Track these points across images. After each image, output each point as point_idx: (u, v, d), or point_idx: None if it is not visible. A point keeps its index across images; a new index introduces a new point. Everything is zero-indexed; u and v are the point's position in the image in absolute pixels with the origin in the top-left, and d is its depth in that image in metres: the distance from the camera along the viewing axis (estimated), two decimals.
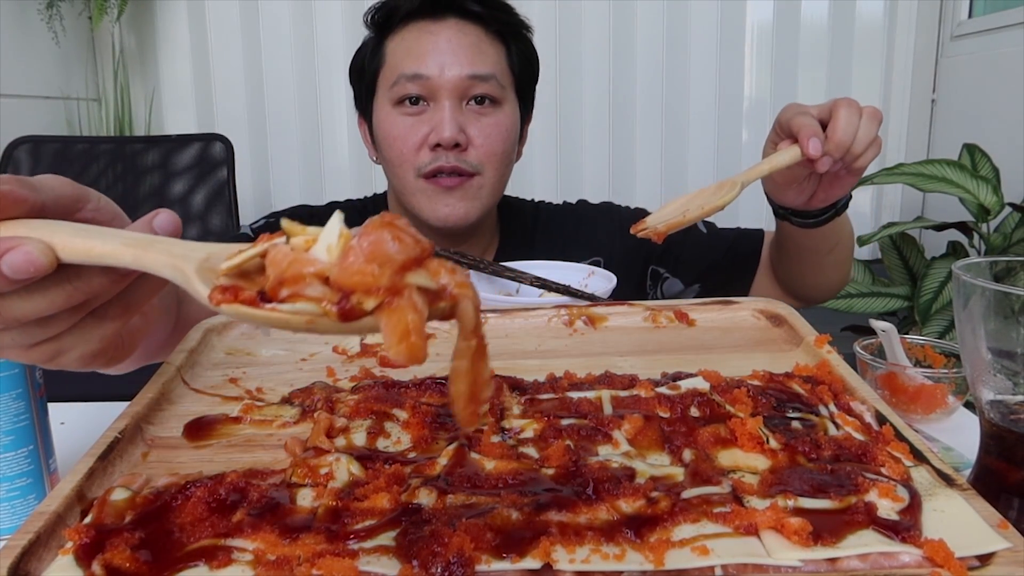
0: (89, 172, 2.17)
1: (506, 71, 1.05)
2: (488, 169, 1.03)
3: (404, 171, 1.03)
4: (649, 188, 2.64)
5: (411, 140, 1.01)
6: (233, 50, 2.57)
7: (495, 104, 1.03)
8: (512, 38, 1.07)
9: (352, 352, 0.71)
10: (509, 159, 1.07)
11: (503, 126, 1.03)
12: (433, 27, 1.02)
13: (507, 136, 1.04)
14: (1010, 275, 0.57)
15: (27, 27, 2.29)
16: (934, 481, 0.46)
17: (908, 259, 2.12)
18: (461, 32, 1.01)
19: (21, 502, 0.59)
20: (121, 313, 0.44)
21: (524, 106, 1.11)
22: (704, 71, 2.56)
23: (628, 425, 0.52)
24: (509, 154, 1.06)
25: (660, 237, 0.75)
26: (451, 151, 1.00)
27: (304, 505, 0.44)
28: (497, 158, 1.03)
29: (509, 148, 1.06)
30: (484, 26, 1.03)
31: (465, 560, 0.38)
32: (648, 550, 0.40)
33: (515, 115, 1.07)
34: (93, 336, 0.44)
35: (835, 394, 0.58)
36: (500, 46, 1.05)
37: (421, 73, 0.99)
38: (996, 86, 2.17)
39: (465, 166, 1.01)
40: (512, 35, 1.07)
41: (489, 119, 1.02)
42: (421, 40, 1.01)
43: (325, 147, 2.62)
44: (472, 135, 1.01)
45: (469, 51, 1.01)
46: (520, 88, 1.08)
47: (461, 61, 1.00)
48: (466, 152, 1.01)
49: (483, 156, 1.02)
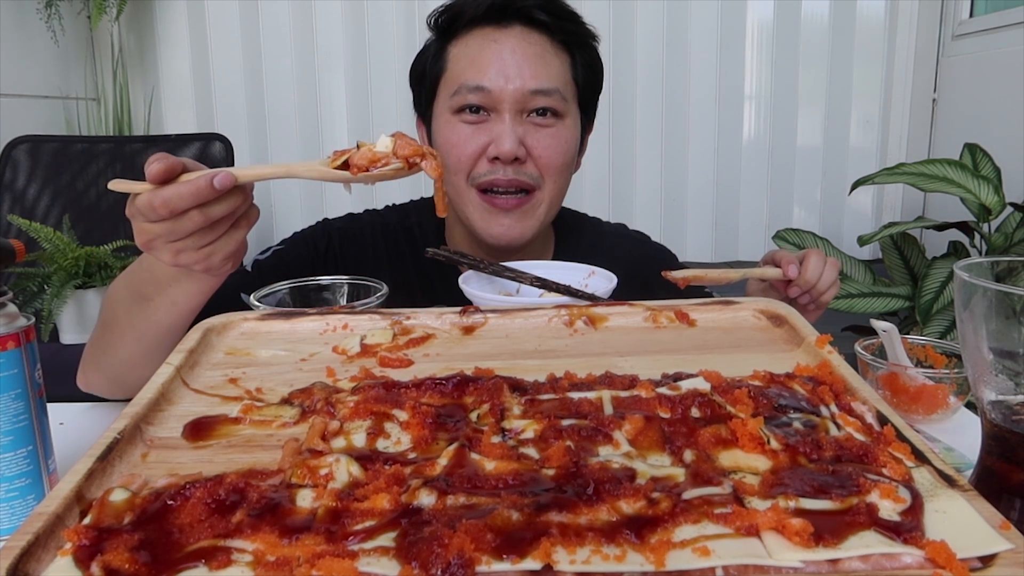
0: (88, 171, 2.17)
1: (570, 83, 1.03)
2: (547, 183, 1.02)
3: (459, 179, 1.02)
4: (649, 187, 2.64)
5: (469, 149, 1.00)
6: (233, 49, 2.57)
7: (557, 117, 1.01)
8: (578, 48, 1.04)
9: (352, 352, 0.71)
10: (568, 172, 1.06)
11: (564, 139, 1.02)
12: (497, 35, 1.00)
13: (567, 150, 1.03)
14: (1011, 275, 0.57)
15: (26, 26, 2.29)
16: (936, 482, 0.46)
17: (909, 259, 2.12)
18: (525, 42, 0.99)
19: (20, 503, 0.59)
20: (245, 224, 0.74)
21: (586, 116, 1.09)
22: (704, 70, 2.56)
23: (629, 425, 0.52)
24: (569, 167, 1.05)
25: (683, 283, 0.96)
26: (510, 165, 0.99)
27: (304, 506, 0.44)
28: (556, 171, 1.02)
29: (569, 161, 1.04)
30: (550, 35, 1.01)
31: (465, 561, 0.38)
32: (649, 551, 0.39)
33: (576, 128, 1.05)
34: (232, 240, 0.73)
35: (836, 394, 0.57)
36: (565, 56, 1.03)
37: (483, 85, 0.98)
38: (997, 85, 2.17)
39: (525, 178, 1.00)
40: (578, 45, 1.04)
41: (550, 132, 1.01)
42: (485, 50, 0.99)
43: (325, 146, 2.62)
44: (532, 148, 1.00)
45: (533, 63, 0.99)
46: (583, 99, 1.06)
47: (524, 74, 0.98)
48: (525, 165, 1.00)
49: (543, 170, 1.01)
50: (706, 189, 2.64)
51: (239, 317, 0.78)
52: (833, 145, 2.61)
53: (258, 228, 0.96)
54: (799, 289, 1.01)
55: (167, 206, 0.66)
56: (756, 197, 2.66)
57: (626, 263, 1.05)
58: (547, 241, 1.18)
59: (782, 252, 1.05)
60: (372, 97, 2.56)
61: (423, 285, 1.11)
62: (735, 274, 1.00)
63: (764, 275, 1.04)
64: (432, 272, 1.08)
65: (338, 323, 0.77)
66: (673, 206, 2.66)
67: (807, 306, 1.03)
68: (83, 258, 1.91)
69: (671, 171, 2.63)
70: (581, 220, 1.25)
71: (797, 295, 1.02)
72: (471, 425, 0.54)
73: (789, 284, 1.01)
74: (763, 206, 2.67)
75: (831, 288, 1.02)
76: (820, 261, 1.01)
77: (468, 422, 0.54)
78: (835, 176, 2.61)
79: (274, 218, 2.63)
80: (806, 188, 2.65)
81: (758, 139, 2.62)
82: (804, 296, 1.02)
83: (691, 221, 2.67)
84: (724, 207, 2.65)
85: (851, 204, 2.64)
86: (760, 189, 2.65)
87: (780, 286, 1.04)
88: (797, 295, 1.02)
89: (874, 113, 2.59)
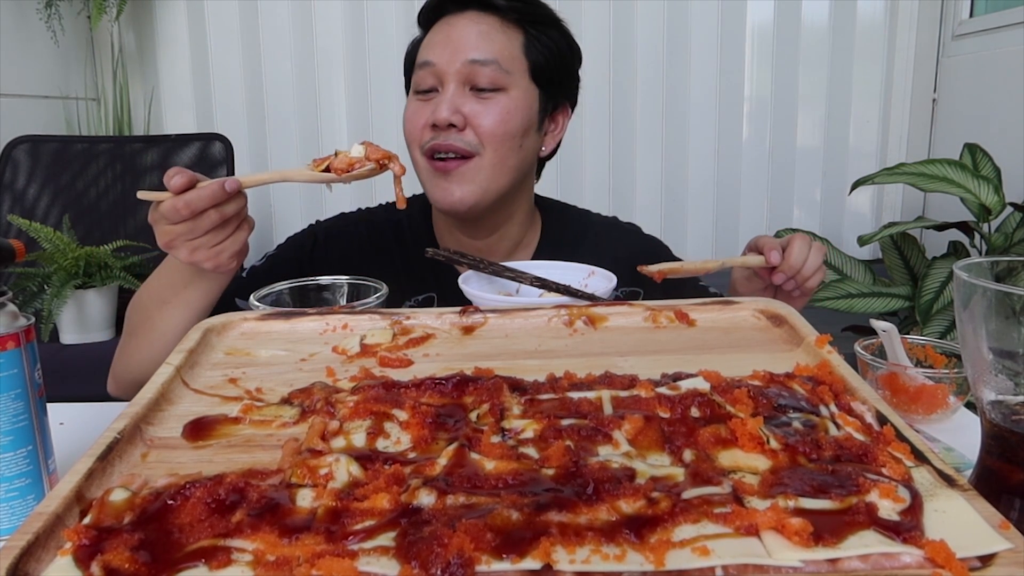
0: (88, 172, 2.17)
1: (517, 58, 1.06)
2: (487, 151, 1.04)
3: (415, 151, 1.08)
4: (649, 188, 2.64)
5: (419, 121, 1.05)
6: (232, 49, 2.57)
7: (499, 90, 1.04)
8: (532, 25, 1.07)
9: (352, 352, 0.71)
10: (513, 143, 1.06)
11: (504, 109, 1.04)
12: (454, 19, 1.06)
13: (506, 118, 1.04)
14: (1011, 275, 0.57)
15: (26, 26, 2.29)
16: (935, 482, 0.46)
17: (909, 259, 2.12)
18: (473, 22, 1.05)
19: (20, 502, 0.59)
20: (246, 227, 0.89)
21: (548, 94, 1.10)
22: (705, 70, 2.56)
23: (628, 425, 0.52)
24: (512, 137, 1.06)
25: (659, 276, 0.96)
26: (448, 131, 1.03)
27: (304, 506, 0.44)
28: (498, 140, 1.04)
29: (511, 131, 1.05)
30: (501, 15, 1.06)
31: (465, 561, 0.38)
32: (648, 550, 0.40)
33: (525, 101, 1.07)
34: (238, 239, 0.88)
35: (836, 394, 0.57)
36: (516, 33, 1.06)
37: (429, 60, 1.05)
38: (997, 85, 2.17)
39: (462, 144, 1.03)
40: (531, 22, 1.07)
41: (489, 102, 1.04)
42: (438, 32, 1.07)
43: (324, 146, 2.61)
44: (470, 116, 1.03)
45: (475, 38, 1.04)
46: (538, 75, 1.08)
47: (464, 48, 1.03)
48: (463, 132, 1.03)
49: (481, 137, 1.03)
50: (706, 189, 2.64)
51: (239, 317, 0.78)
52: (833, 145, 2.61)
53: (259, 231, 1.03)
54: (784, 275, 1.00)
55: (189, 207, 0.81)
56: (756, 197, 2.66)
57: (614, 254, 1.08)
58: (532, 231, 1.20)
59: (765, 238, 1.04)
60: (371, 97, 2.56)
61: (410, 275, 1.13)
62: (713, 264, 0.99)
63: (746, 263, 1.02)
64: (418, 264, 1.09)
65: (338, 323, 0.77)
66: (673, 206, 2.66)
67: (792, 292, 1.03)
68: (83, 258, 1.91)
69: (671, 171, 2.63)
70: (567, 210, 1.26)
71: (782, 281, 1.00)
72: (471, 425, 0.54)
73: (773, 270, 1.00)
74: (763, 206, 2.67)
75: (816, 273, 1.01)
76: (805, 246, 1.00)
77: (468, 422, 0.54)
78: (835, 176, 2.61)
79: (273, 219, 2.63)
80: (806, 188, 2.65)
81: (758, 139, 2.62)
82: (789, 282, 1.01)
83: (691, 221, 2.67)
84: (724, 207, 2.66)
85: (851, 204, 2.65)
86: (760, 189, 2.65)
87: (764, 273, 1.03)
88: (782, 281, 1.00)
89: (874, 113, 2.59)
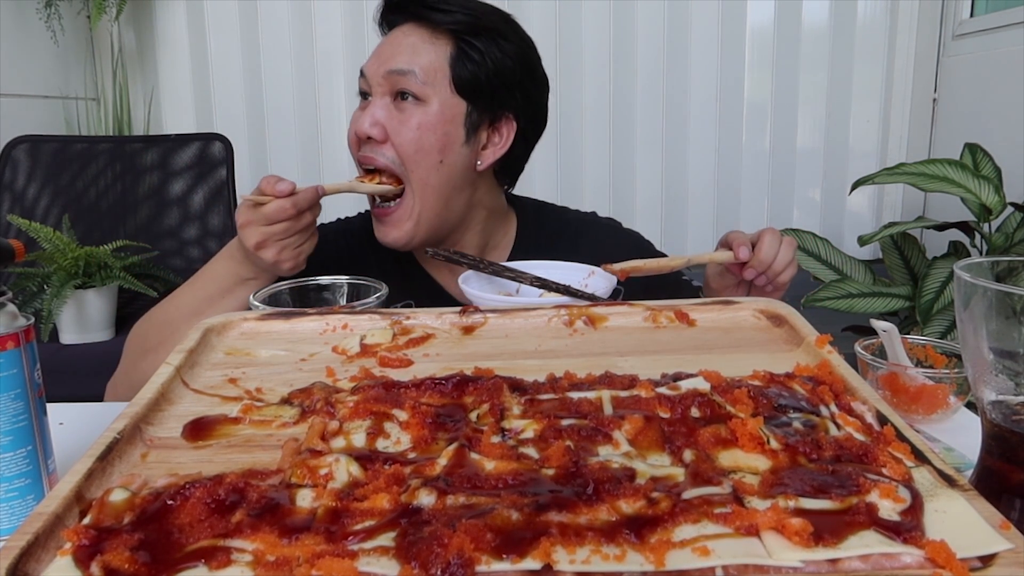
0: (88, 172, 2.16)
1: (440, 69, 1.02)
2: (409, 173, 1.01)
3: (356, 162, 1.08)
4: (649, 188, 2.64)
5: (352, 130, 1.06)
6: (232, 49, 2.57)
7: (418, 102, 1.01)
8: (462, 37, 1.03)
9: (352, 352, 0.71)
10: (429, 160, 1.02)
11: (419, 123, 1.01)
12: (395, 30, 1.07)
13: (421, 133, 1.01)
14: (1012, 275, 0.57)
15: (25, 26, 2.29)
16: (935, 482, 0.46)
17: (909, 259, 2.12)
18: (405, 34, 1.04)
19: (20, 503, 0.59)
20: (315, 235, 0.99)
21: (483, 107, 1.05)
22: (705, 71, 2.56)
23: (628, 425, 0.52)
24: (427, 153, 1.02)
25: (622, 275, 0.95)
26: (370, 143, 1.03)
27: (304, 506, 0.44)
28: (412, 159, 1.01)
29: (426, 146, 1.01)
30: (431, 27, 1.03)
31: (465, 561, 0.38)
32: (648, 551, 0.39)
33: (443, 114, 1.02)
34: (313, 243, 0.98)
35: (836, 394, 0.57)
36: (447, 46, 1.03)
37: (362, 69, 1.06)
38: (998, 85, 2.17)
39: (383, 160, 1.02)
40: (465, 34, 1.03)
41: (406, 113, 1.02)
42: (381, 42, 1.08)
43: (324, 146, 2.62)
44: (388, 129, 1.02)
45: (399, 49, 1.03)
46: (466, 89, 1.03)
47: (388, 58, 1.03)
48: (383, 146, 1.03)
49: (399, 153, 1.01)
50: (707, 190, 2.64)
51: (239, 317, 0.78)
52: (833, 145, 2.61)
53: None
54: (755, 271, 1.00)
55: (296, 206, 0.92)
56: (757, 197, 2.66)
57: (592, 250, 1.05)
58: (503, 233, 1.18)
59: (735, 233, 1.04)
60: None
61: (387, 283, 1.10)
62: (677, 260, 0.99)
63: (714, 259, 1.02)
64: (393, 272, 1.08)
65: (338, 323, 0.77)
66: (674, 207, 2.66)
67: (764, 287, 1.03)
68: (83, 258, 1.90)
69: (672, 172, 2.63)
70: (543, 209, 1.24)
71: (753, 277, 1.01)
72: (471, 425, 0.54)
73: (744, 266, 1.00)
74: (763, 206, 2.67)
75: (788, 268, 1.01)
76: (775, 241, 1.00)
77: (468, 422, 0.54)
78: (835, 176, 2.61)
79: None
80: (806, 188, 2.65)
81: (758, 139, 2.62)
82: (761, 278, 1.01)
83: (692, 222, 2.67)
84: (725, 208, 2.66)
85: (851, 204, 2.65)
86: (760, 189, 2.65)
87: (736, 269, 1.02)
88: (753, 277, 1.01)
89: (874, 113, 2.59)
